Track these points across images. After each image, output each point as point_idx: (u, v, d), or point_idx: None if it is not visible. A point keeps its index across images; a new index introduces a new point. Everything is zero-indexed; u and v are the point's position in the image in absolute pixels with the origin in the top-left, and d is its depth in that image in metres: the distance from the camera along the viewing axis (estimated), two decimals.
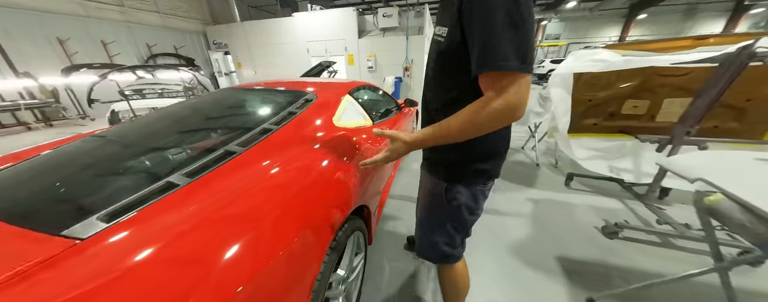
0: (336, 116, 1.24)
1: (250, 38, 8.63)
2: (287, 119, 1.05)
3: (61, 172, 0.79)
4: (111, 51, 6.72)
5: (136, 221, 0.51)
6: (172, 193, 0.60)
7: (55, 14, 5.69)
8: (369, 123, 1.49)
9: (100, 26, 6.45)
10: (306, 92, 1.33)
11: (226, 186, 0.66)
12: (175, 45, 8.23)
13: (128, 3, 6.94)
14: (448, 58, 0.57)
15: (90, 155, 0.89)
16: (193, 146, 0.89)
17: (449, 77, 0.60)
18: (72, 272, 0.40)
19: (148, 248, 0.44)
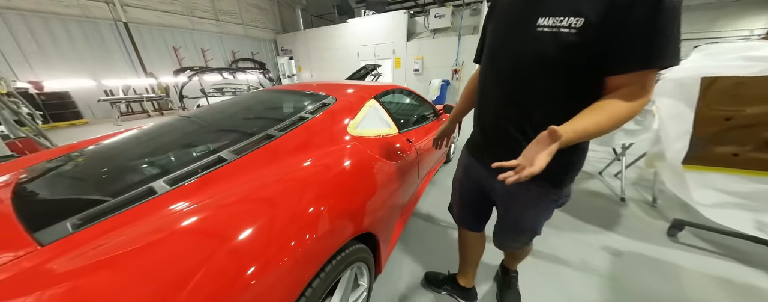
0: (354, 123, 1.13)
1: (310, 44, 9.53)
2: (295, 124, 0.97)
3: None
4: (207, 56, 8.35)
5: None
6: (150, 199, 0.61)
7: (173, 28, 7.39)
8: (394, 131, 1.35)
9: (201, 37, 8.09)
10: (325, 96, 1.26)
11: (200, 200, 0.61)
12: (252, 51, 9.70)
13: (222, 17, 8.51)
14: (581, 61, 0.52)
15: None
16: (188, 152, 0.88)
17: (572, 86, 0.55)
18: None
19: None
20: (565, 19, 0.50)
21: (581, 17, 0.49)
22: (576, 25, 0.49)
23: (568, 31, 0.50)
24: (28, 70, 5.43)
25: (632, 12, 0.45)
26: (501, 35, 0.64)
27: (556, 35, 0.52)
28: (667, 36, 0.45)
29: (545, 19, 0.53)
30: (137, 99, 6.25)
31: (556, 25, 0.51)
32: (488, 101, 0.71)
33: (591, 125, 0.49)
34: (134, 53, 6.74)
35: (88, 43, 6.05)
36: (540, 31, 0.54)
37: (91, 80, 6.17)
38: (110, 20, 6.24)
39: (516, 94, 0.62)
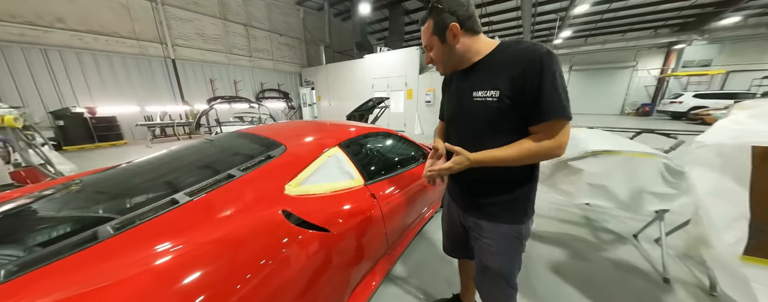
0: (297, 180, 0.98)
1: (330, 77, 10.24)
2: (212, 186, 0.83)
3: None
4: (238, 87, 9.28)
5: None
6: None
7: (212, 63, 8.44)
8: (358, 184, 1.18)
9: (235, 70, 9.11)
10: (277, 145, 1.14)
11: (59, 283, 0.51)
12: (278, 82, 10.64)
13: (255, 54, 9.60)
14: (506, 115, 0.70)
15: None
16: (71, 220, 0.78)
17: (505, 129, 0.72)
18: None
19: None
20: (488, 91, 0.70)
21: (497, 90, 0.69)
22: (495, 95, 0.69)
23: (492, 100, 0.70)
24: (88, 98, 6.38)
25: (526, 84, 0.65)
26: (454, 104, 0.85)
27: (485, 103, 0.71)
28: (552, 97, 0.64)
29: (477, 92, 0.73)
30: (169, 124, 6.93)
31: (484, 96, 0.71)
32: (452, 143, 0.87)
33: (498, 153, 0.70)
34: (176, 84, 7.70)
35: (140, 76, 7.07)
36: (476, 100, 0.73)
37: (136, 106, 7.07)
38: (161, 57, 7.32)
39: (472, 144, 0.76)
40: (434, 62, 0.80)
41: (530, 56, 0.64)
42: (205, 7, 8.00)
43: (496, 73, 0.69)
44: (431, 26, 0.72)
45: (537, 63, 0.63)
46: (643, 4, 8.92)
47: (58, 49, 5.83)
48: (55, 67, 5.87)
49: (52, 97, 5.94)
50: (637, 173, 1.42)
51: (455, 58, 0.75)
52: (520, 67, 0.64)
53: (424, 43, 0.77)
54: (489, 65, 0.72)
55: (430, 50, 0.77)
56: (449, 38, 0.71)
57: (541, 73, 0.62)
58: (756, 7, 8.81)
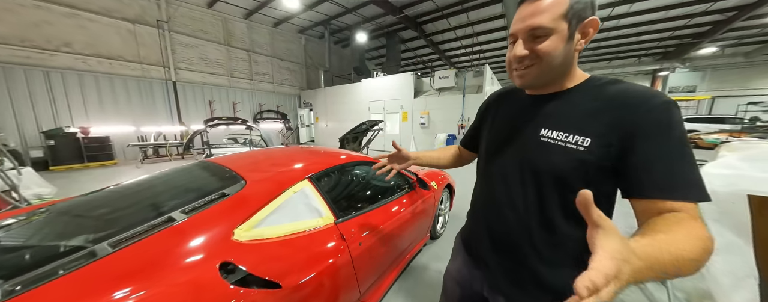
0: (250, 223, 0.86)
1: (328, 99, 10.50)
2: (143, 235, 0.73)
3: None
4: (236, 108, 9.43)
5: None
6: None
7: (213, 85, 8.66)
8: (327, 222, 1.05)
9: (234, 92, 9.33)
10: (236, 181, 1.03)
11: None
12: (277, 104, 10.85)
13: (256, 78, 9.92)
14: (589, 176, 0.50)
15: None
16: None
17: (571, 190, 0.50)
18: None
19: None
20: (571, 135, 0.50)
21: (587, 137, 0.49)
22: (584, 144, 0.49)
23: (575, 148, 0.50)
24: (84, 118, 6.40)
25: (648, 142, 0.45)
26: (502, 138, 0.63)
27: (565, 150, 0.51)
28: (693, 164, 0.44)
29: (548, 131, 0.54)
30: (161, 145, 6.89)
31: (564, 140, 0.51)
32: (491, 195, 0.65)
33: (676, 243, 0.36)
34: (175, 106, 7.81)
35: (140, 97, 7.19)
36: (544, 141, 0.54)
37: (132, 126, 7.08)
38: (163, 80, 7.52)
39: (519, 196, 0.57)
40: (525, 61, 0.52)
41: (651, 102, 0.45)
42: (211, 34, 8.44)
43: (589, 114, 0.50)
44: (566, 4, 0.47)
45: (664, 113, 0.44)
46: (625, 35, 9.50)
47: (60, 72, 5.99)
48: (55, 88, 5.98)
49: (47, 117, 5.96)
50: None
51: (563, 68, 0.52)
52: (635, 112, 0.45)
53: (535, 25, 0.48)
54: (578, 100, 0.52)
55: (538, 39, 0.49)
56: (579, 35, 0.49)
57: (674, 128, 0.44)
58: (730, 38, 9.43)
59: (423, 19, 8.51)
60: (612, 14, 7.67)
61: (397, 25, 9.21)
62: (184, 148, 4.87)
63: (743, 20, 7.60)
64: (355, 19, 9.03)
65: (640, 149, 0.45)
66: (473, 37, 9.59)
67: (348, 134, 5.24)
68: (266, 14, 8.94)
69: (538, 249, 0.56)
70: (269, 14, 8.97)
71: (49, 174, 5.19)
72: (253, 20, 9.32)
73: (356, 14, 8.58)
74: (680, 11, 7.41)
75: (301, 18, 9.26)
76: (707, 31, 8.62)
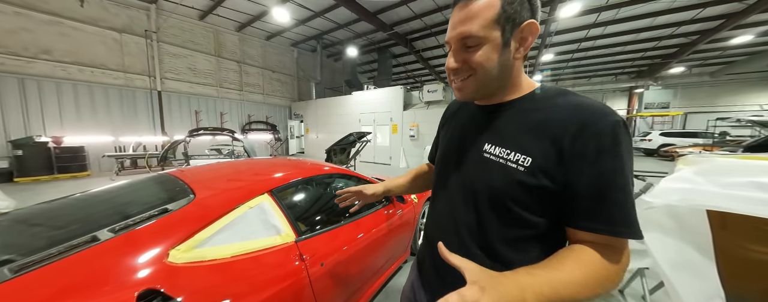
0: (192, 241, 0.78)
1: (319, 111, 10.50)
2: (56, 257, 0.66)
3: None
4: (223, 119, 9.26)
5: None
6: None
7: (200, 96, 8.52)
8: (288, 240, 0.97)
9: (223, 103, 9.19)
10: (188, 192, 0.97)
11: None
12: (267, 115, 10.75)
13: (246, 88, 9.86)
14: (531, 197, 0.44)
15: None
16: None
17: (521, 217, 0.46)
18: None
19: None
20: (513, 153, 0.46)
21: (528, 156, 0.44)
22: (524, 163, 0.44)
23: (515, 168, 0.45)
24: (59, 127, 6.10)
25: (585, 164, 0.40)
26: (451, 152, 0.58)
27: (505, 168, 0.46)
28: (629, 196, 0.40)
29: (491, 146, 0.49)
30: (140, 156, 6.60)
31: (505, 157, 0.46)
32: (438, 213, 0.61)
33: (560, 275, 0.37)
34: (158, 116, 7.60)
35: (121, 108, 6.96)
36: (487, 156, 0.49)
37: (110, 136, 6.79)
38: (147, 89, 7.35)
39: (459, 224, 0.53)
40: (460, 73, 0.47)
41: (598, 122, 0.40)
42: (201, 45, 8.43)
43: (532, 130, 0.45)
44: (496, 8, 0.41)
45: (608, 136, 0.39)
46: (602, 55, 10.14)
47: (36, 79, 5.76)
48: (29, 96, 5.72)
49: (17, 126, 5.65)
50: None
51: (502, 79, 0.47)
52: (575, 132, 0.41)
53: (465, 33, 0.43)
54: (523, 114, 0.47)
55: (468, 48, 0.44)
56: (513, 44, 0.44)
57: (616, 157, 0.39)
58: (696, 59, 10.21)
59: (412, 36, 8.82)
60: (588, 35, 8.20)
61: (387, 41, 9.49)
62: (161, 158, 4.67)
63: (706, 43, 8.26)
64: (347, 34, 9.27)
65: (575, 173, 0.41)
66: None
67: (335, 146, 5.17)
68: (259, 28, 9.06)
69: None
70: (262, 28, 9.09)
71: (11, 186, 4.82)
72: (246, 33, 9.42)
73: (348, 30, 8.82)
74: (649, 34, 8.00)
75: (294, 32, 9.43)
76: (675, 52, 9.30)
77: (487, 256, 0.49)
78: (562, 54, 10.01)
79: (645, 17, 6.93)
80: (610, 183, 0.40)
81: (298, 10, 7.47)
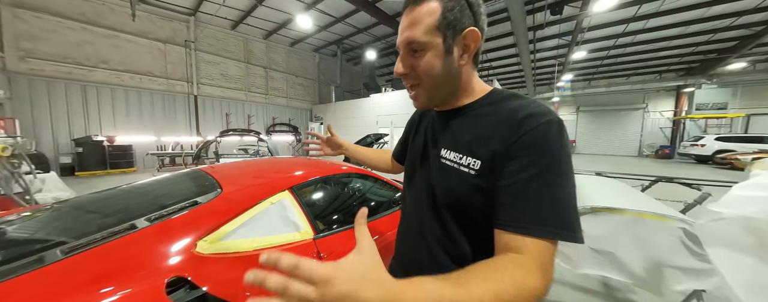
0: (217, 234, 0.82)
1: (338, 113, 10.78)
2: (99, 242, 0.72)
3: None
4: (251, 121, 9.85)
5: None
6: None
7: (230, 99, 9.16)
8: (306, 237, 0.98)
9: (250, 106, 9.80)
10: (215, 187, 1.01)
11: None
12: (289, 117, 11.25)
13: (271, 92, 10.43)
14: (480, 200, 0.44)
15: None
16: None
17: (471, 222, 0.47)
18: None
19: None
20: (464, 157, 0.46)
21: (478, 159, 0.44)
22: (474, 166, 0.44)
23: (467, 171, 0.45)
24: (112, 128, 6.90)
25: (515, 164, 0.40)
26: (416, 158, 0.59)
27: (459, 173, 0.46)
28: (560, 194, 0.39)
29: (447, 152, 0.49)
30: (177, 154, 7.23)
31: (458, 162, 0.47)
32: (407, 218, 0.62)
33: (466, 297, 0.30)
34: (194, 118, 8.29)
35: (163, 111, 7.70)
36: (444, 162, 0.49)
37: (153, 136, 7.52)
38: (185, 94, 8.06)
39: (420, 227, 0.54)
40: (409, 78, 0.48)
41: (529, 122, 0.40)
42: (232, 52, 9.09)
43: (480, 134, 0.45)
44: (437, 14, 0.42)
45: (539, 136, 0.40)
46: (643, 51, 9.21)
47: (95, 86, 6.58)
48: (89, 100, 6.55)
49: (80, 126, 6.48)
50: (650, 240, 1.06)
51: (451, 86, 0.48)
52: (510, 130, 0.41)
53: (409, 39, 0.44)
54: (475, 118, 0.48)
55: (414, 53, 0.45)
56: (456, 51, 0.44)
57: (545, 155, 0.39)
58: (761, 53, 8.87)
59: None
60: (626, 31, 7.54)
61: None
62: (195, 156, 5.06)
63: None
64: (366, 38, 9.45)
65: (506, 173, 0.40)
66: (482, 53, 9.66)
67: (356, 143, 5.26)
68: (284, 35, 9.57)
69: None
70: (286, 35, 9.59)
71: (73, 179, 5.52)
72: (272, 40, 9.99)
73: (367, 34, 8.99)
74: (701, 26, 7.15)
75: (316, 38, 9.82)
76: (734, 46, 8.21)
77: (451, 260, 0.49)
78: (597, 51, 9.26)
79: (696, 8, 6.21)
80: (536, 182, 0.38)
81: (320, 16, 7.77)
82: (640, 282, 1.10)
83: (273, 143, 5.53)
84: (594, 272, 1.16)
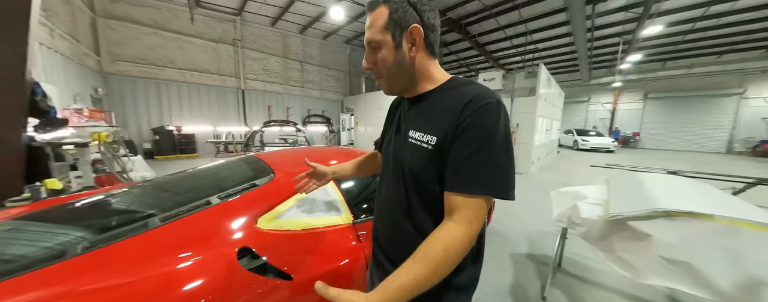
0: (273, 213, 0.91)
1: (368, 104, 10.96)
2: (186, 213, 0.83)
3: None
4: (289, 113, 10.59)
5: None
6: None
7: (271, 93, 9.93)
8: (346, 221, 1.04)
9: (288, 98, 10.50)
10: (269, 171, 1.12)
11: None
12: (323, 109, 11.80)
13: (306, 85, 11.01)
14: (439, 172, 0.53)
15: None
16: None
17: (434, 192, 0.55)
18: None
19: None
20: (425, 134, 0.54)
21: (434, 136, 0.53)
22: (431, 142, 0.53)
23: (426, 147, 0.54)
24: (179, 119, 8.02)
25: (456, 136, 0.49)
26: (391, 140, 0.67)
27: (420, 149, 0.55)
28: (486, 158, 0.48)
29: (414, 132, 0.57)
30: (230, 142, 8.15)
31: (420, 139, 0.55)
32: (382, 196, 0.69)
33: (407, 277, 0.43)
34: (242, 110, 9.20)
35: (217, 104, 8.69)
36: (411, 141, 0.57)
37: (210, 126, 8.57)
38: (235, 88, 8.96)
39: (395, 202, 0.61)
40: (374, 72, 0.58)
41: (472, 102, 0.49)
42: (273, 48, 9.75)
43: (437, 114, 0.54)
44: (385, 16, 0.52)
45: (477, 112, 0.48)
46: (743, 21, 7.25)
47: (166, 83, 7.68)
48: (162, 95, 7.68)
49: (156, 117, 7.68)
50: (747, 253, 0.91)
51: (406, 75, 0.56)
52: (458, 112, 0.49)
53: (368, 39, 0.54)
54: (434, 102, 0.56)
55: (374, 50, 0.55)
56: (405, 45, 0.53)
57: (479, 127, 0.47)
58: None
59: (467, 20, 8.29)
60: (706, 13, 6.11)
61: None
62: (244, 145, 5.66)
63: None
64: None
65: (453, 147, 0.50)
66: (526, 34, 8.86)
67: None
68: (317, 28, 9.92)
69: (408, 246, 0.53)
70: (320, 28, 9.93)
71: (153, 162, 6.63)
72: (307, 34, 10.44)
73: None
74: None
75: (347, 29, 9.99)
76: None
77: (414, 229, 0.58)
78: (678, 24, 7.52)
79: None
80: (474, 155, 0.47)
81: (352, 7, 7.88)
82: (726, 300, 0.93)
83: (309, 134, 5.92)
84: (662, 283, 1.02)
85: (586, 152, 10.56)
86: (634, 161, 7.42)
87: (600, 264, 1.88)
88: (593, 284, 1.72)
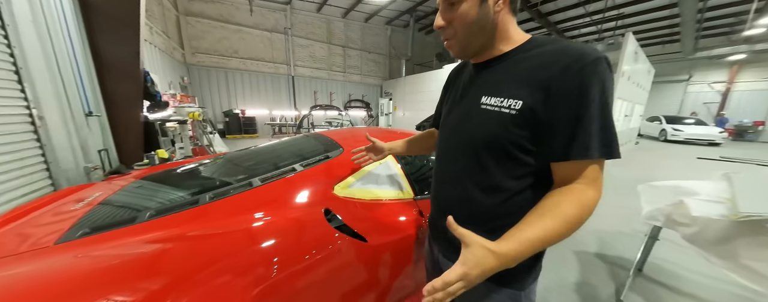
0: (345, 182, 1.00)
1: (407, 88, 10.85)
2: (278, 177, 0.96)
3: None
4: (332, 97, 11.19)
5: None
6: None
7: (316, 79, 10.56)
8: (407, 196, 1.10)
9: (331, 84, 11.05)
10: (336, 147, 1.23)
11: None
12: (362, 94, 12.12)
13: (348, 70, 11.37)
14: (525, 139, 0.49)
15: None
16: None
17: (517, 160, 0.51)
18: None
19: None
20: (505, 99, 0.50)
21: (519, 100, 0.48)
22: (515, 106, 0.48)
23: (509, 112, 0.49)
24: (242, 103, 9.21)
25: (561, 99, 0.44)
26: (453, 109, 0.63)
27: (499, 115, 0.50)
28: (602, 123, 0.44)
29: (488, 98, 0.52)
30: (284, 124, 9.10)
31: (499, 105, 0.50)
32: (439, 174, 0.66)
33: (537, 231, 0.43)
34: (292, 95, 10.06)
35: (272, 89, 9.65)
36: (485, 108, 0.53)
37: (266, 110, 9.65)
38: (286, 75, 9.78)
39: (464, 175, 0.58)
40: (447, 31, 0.52)
41: (575, 61, 0.43)
42: (318, 35, 10.20)
43: (522, 77, 0.48)
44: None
45: (584, 71, 0.43)
46: None
47: (231, 71, 8.79)
48: (229, 82, 8.85)
49: (225, 102, 8.95)
50: None
51: (485, 34, 0.50)
52: (558, 73, 0.44)
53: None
54: (515, 64, 0.51)
55: (451, 6, 0.49)
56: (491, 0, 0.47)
57: (589, 87, 0.43)
58: None
59: None
60: None
61: None
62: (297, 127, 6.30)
63: None
64: None
65: (553, 110, 0.45)
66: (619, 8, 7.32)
67: (425, 122, 5.40)
68: (360, 10, 9.96)
69: (484, 219, 0.55)
70: (362, 10, 9.94)
71: (225, 140, 7.88)
72: (349, 18, 10.58)
73: None
74: None
75: (389, 9, 9.80)
76: None
77: (482, 192, 0.55)
78: None
79: None
80: (593, 113, 0.43)
81: None
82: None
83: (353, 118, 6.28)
84: None
85: (677, 144, 8.56)
86: (758, 157, 5.82)
87: (695, 273, 1.66)
88: (684, 295, 1.52)
